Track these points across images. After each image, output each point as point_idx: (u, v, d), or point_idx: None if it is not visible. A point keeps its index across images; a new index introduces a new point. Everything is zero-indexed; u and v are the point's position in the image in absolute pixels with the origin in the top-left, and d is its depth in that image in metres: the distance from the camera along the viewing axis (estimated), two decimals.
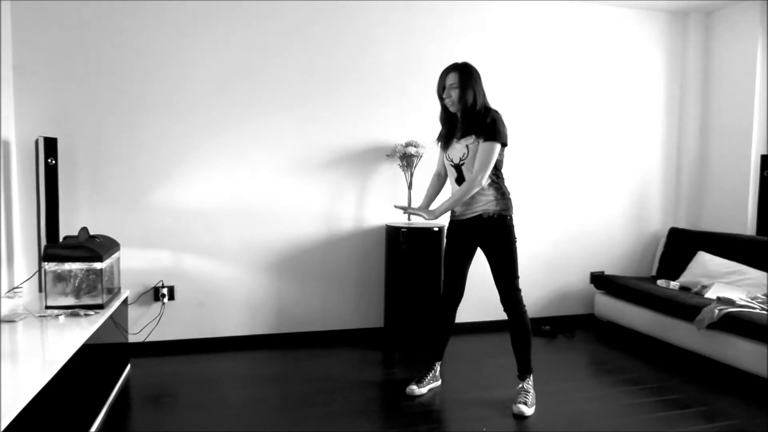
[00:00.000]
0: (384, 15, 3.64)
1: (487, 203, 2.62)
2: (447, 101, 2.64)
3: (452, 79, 2.60)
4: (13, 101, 3.05)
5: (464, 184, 2.59)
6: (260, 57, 3.44)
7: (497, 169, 2.63)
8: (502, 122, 2.58)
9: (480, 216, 2.63)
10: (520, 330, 2.68)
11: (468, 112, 2.59)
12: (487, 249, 2.68)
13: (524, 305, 2.68)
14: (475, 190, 2.57)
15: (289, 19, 3.47)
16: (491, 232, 2.62)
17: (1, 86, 2.88)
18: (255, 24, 3.42)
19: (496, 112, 2.59)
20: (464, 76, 2.58)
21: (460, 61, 2.66)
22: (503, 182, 2.67)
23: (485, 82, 2.59)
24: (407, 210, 2.68)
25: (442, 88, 2.65)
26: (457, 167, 2.65)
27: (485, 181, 2.57)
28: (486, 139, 2.53)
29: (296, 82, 3.51)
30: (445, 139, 2.72)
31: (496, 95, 3.83)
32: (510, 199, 2.68)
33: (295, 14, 3.48)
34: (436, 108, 2.74)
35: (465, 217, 2.69)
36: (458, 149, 2.63)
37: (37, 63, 3.09)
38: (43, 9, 3.08)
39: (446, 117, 2.72)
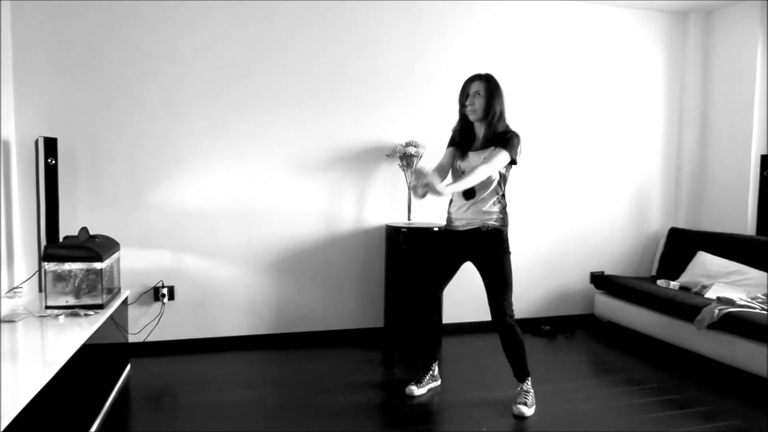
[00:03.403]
0: (384, 14, 3.64)
1: (488, 218, 2.58)
2: (469, 109, 2.57)
3: (477, 87, 2.54)
4: (13, 101, 3.05)
5: (467, 176, 2.43)
6: (260, 56, 3.44)
7: (502, 187, 2.60)
8: (520, 142, 2.54)
9: (478, 229, 2.59)
10: (513, 345, 2.64)
11: (490, 124, 2.54)
12: (481, 263, 2.64)
13: (515, 322, 2.62)
14: (475, 181, 2.43)
15: (288, 19, 3.47)
16: (486, 245, 2.59)
17: (1, 86, 2.88)
18: (254, 23, 3.42)
19: (516, 132, 2.55)
20: (491, 86, 2.54)
21: (483, 71, 2.61)
22: (505, 201, 2.64)
23: None
24: (420, 179, 2.27)
25: (465, 96, 2.58)
26: None
27: (483, 176, 2.44)
28: (502, 148, 2.48)
29: (296, 81, 3.51)
30: (462, 148, 2.65)
31: None
32: (508, 215, 2.65)
33: (294, 14, 3.48)
34: (436, 107, 2.74)
35: (462, 229, 2.64)
36: (474, 160, 2.56)
37: (37, 63, 3.09)
38: (43, 9, 3.08)
39: (462, 127, 2.65)
